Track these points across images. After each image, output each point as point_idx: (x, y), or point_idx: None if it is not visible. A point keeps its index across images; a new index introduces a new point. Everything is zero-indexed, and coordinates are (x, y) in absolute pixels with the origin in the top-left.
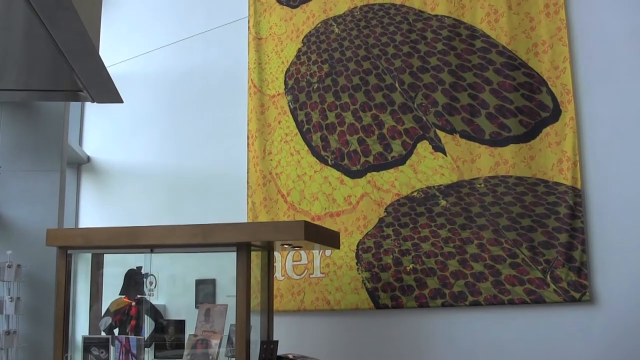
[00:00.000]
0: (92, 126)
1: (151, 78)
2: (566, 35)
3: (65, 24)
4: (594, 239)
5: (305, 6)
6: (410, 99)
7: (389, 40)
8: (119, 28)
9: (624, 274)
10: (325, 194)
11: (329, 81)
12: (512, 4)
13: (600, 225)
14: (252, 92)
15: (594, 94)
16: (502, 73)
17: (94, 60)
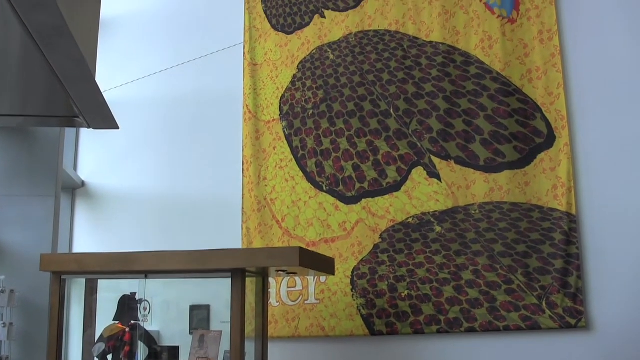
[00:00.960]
0: (87, 151)
1: (146, 103)
2: (560, 62)
3: (63, 50)
4: (589, 265)
5: (300, 32)
6: (405, 125)
7: (384, 66)
8: (115, 53)
9: (620, 300)
10: (320, 220)
11: (324, 107)
12: (506, 30)
13: (595, 251)
14: (247, 118)
15: (588, 120)
16: (496, 99)
17: (91, 86)
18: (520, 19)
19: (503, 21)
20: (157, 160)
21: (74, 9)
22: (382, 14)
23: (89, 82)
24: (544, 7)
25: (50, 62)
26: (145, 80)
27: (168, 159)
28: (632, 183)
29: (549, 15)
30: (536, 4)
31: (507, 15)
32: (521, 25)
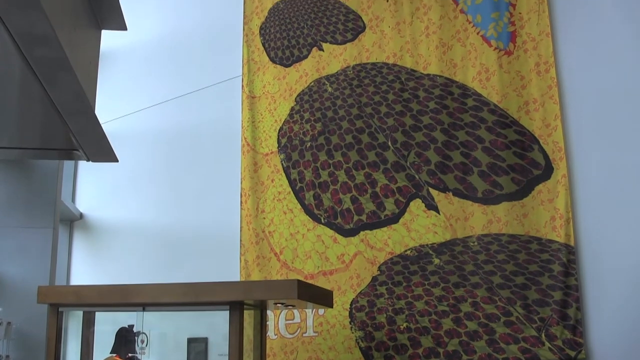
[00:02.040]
0: (85, 183)
1: (145, 135)
2: (557, 94)
3: (63, 84)
4: (588, 296)
5: (298, 65)
6: (403, 158)
7: (382, 99)
8: (114, 85)
9: (619, 331)
10: (318, 253)
11: (322, 140)
12: (503, 62)
13: (594, 283)
14: (245, 150)
15: (585, 151)
16: (494, 131)
17: (90, 120)
18: (517, 51)
19: (500, 53)
20: (155, 193)
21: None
22: (380, 47)
23: (89, 115)
24: (540, 40)
25: (51, 95)
26: (144, 112)
27: (166, 191)
28: (630, 214)
29: (545, 48)
30: (533, 36)
31: (504, 48)
32: (518, 57)
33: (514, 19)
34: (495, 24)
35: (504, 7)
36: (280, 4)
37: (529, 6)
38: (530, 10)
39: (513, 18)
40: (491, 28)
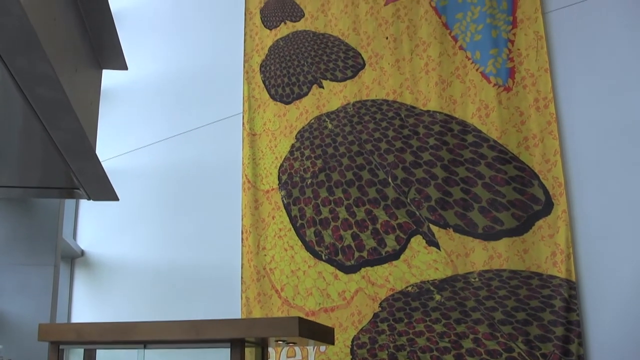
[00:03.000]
0: (87, 219)
1: (146, 172)
2: (556, 129)
3: (64, 124)
4: (590, 332)
5: (298, 102)
6: (404, 194)
7: (382, 135)
8: (115, 122)
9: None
10: (320, 289)
11: (323, 176)
12: (502, 98)
13: (596, 318)
14: (246, 188)
15: (585, 186)
16: (493, 167)
17: (91, 159)
18: (516, 87)
19: (499, 89)
20: (157, 230)
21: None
22: (380, 84)
23: (90, 155)
24: (539, 75)
25: (52, 135)
26: (144, 149)
27: (167, 228)
28: (631, 249)
29: (544, 83)
30: (531, 72)
31: (503, 84)
32: (517, 93)
33: (513, 55)
34: (494, 60)
35: (502, 44)
36: (280, 42)
37: (527, 42)
38: (529, 46)
39: (512, 54)
40: (490, 64)
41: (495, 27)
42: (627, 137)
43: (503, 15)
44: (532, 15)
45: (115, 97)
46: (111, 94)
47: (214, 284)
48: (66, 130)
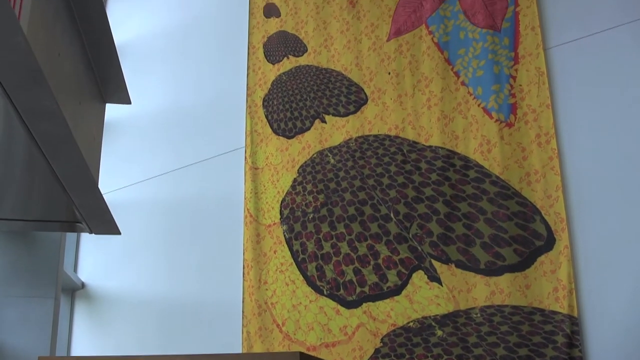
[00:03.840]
0: (88, 252)
1: (148, 206)
2: (558, 165)
3: (67, 159)
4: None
5: (301, 137)
6: (406, 229)
7: (384, 170)
8: (118, 155)
9: None
10: (321, 324)
11: (325, 211)
12: (504, 134)
13: (598, 354)
14: (248, 222)
15: (587, 222)
16: (496, 203)
17: (93, 193)
18: (517, 123)
19: (501, 125)
20: (157, 263)
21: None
22: (382, 119)
23: (92, 189)
24: (540, 111)
25: (54, 169)
26: (147, 182)
27: (169, 262)
28: (633, 285)
29: (545, 119)
30: (533, 107)
31: (504, 120)
32: (519, 129)
33: (515, 91)
34: (496, 96)
35: (504, 80)
36: (283, 76)
37: (529, 78)
38: (531, 82)
39: (513, 90)
40: (492, 100)
41: (497, 63)
42: (629, 173)
43: (505, 51)
44: (533, 51)
45: (118, 129)
46: (114, 127)
47: (214, 318)
48: (69, 164)
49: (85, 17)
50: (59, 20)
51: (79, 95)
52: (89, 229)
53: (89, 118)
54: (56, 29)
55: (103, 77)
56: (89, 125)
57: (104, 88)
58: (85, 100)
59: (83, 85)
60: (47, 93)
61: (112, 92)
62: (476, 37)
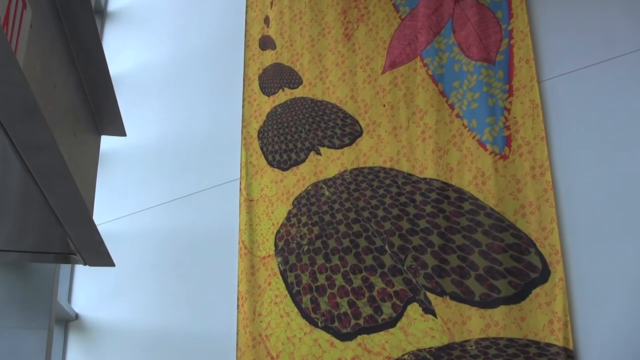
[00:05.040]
0: (82, 283)
1: (142, 237)
2: (553, 197)
3: (62, 191)
4: None
5: (295, 169)
6: (400, 262)
7: (379, 203)
8: (112, 186)
9: None
10: (315, 357)
11: (319, 243)
12: (498, 166)
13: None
14: (242, 253)
15: (582, 254)
16: (490, 235)
17: (88, 225)
18: (512, 155)
19: (495, 157)
20: (152, 294)
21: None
22: (377, 151)
23: (87, 221)
24: (535, 143)
25: (49, 201)
26: (142, 213)
27: (163, 294)
28: (629, 317)
29: (540, 151)
30: (527, 140)
31: (499, 152)
32: (513, 161)
33: (509, 123)
34: (491, 128)
35: (499, 112)
36: (279, 108)
37: (523, 111)
38: (525, 114)
39: (508, 122)
40: (487, 132)
41: (492, 95)
42: (624, 205)
43: (499, 83)
44: (528, 83)
45: (113, 160)
46: (109, 157)
47: (209, 349)
48: (64, 196)
49: (81, 49)
50: (55, 52)
51: (74, 127)
52: (83, 260)
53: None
54: (52, 61)
55: (98, 109)
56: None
57: (100, 120)
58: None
59: (79, 117)
60: (42, 126)
61: (107, 124)
62: (471, 69)
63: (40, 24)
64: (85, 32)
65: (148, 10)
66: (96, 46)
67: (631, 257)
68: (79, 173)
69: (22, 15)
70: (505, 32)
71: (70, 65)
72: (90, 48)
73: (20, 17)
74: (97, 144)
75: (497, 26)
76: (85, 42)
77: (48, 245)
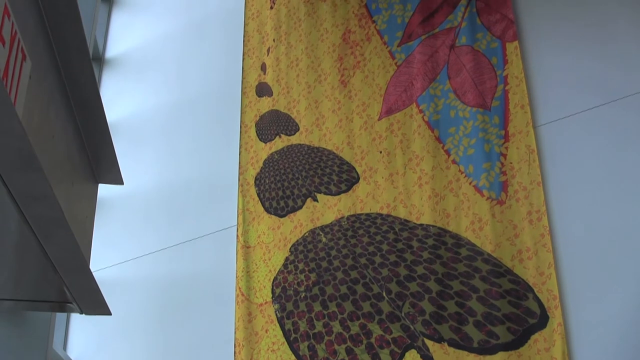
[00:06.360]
0: (78, 329)
1: (139, 283)
2: (550, 242)
3: (59, 241)
4: None
5: (293, 215)
6: (398, 308)
7: (376, 249)
8: (109, 233)
9: None
10: None
11: (317, 290)
12: (495, 212)
13: None
14: (239, 300)
15: (580, 299)
16: (488, 280)
17: (84, 274)
18: (509, 201)
19: (492, 203)
20: (148, 341)
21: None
22: (374, 198)
23: (83, 270)
24: (532, 189)
25: (46, 250)
26: (137, 260)
27: (160, 340)
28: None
29: (537, 196)
30: (524, 185)
31: (496, 197)
32: (510, 206)
33: (505, 169)
34: (487, 174)
35: (495, 158)
36: (275, 155)
37: (519, 156)
38: (521, 159)
39: (504, 168)
40: (483, 178)
41: (488, 141)
42: (621, 249)
43: (495, 129)
44: (523, 129)
45: (110, 206)
46: (106, 204)
47: None
48: (60, 246)
49: (79, 99)
50: (53, 102)
51: (72, 176)
52: (80, 309)
53: (82, 199)
54: (50, 111)
55: (96, 158)
56: (82, 205)
57: (97, 169)
58: (78, 181)
59: (76, 166)
60: (40, 177)
61: (105, 173)
62: (466, 115)
63: (39, 75)
64: (84, 82)
65: (146, 57)
66: (94, 96)
67: (629, 301)
68: (76, 222)
69: (22, 66)
70: (500, 78)
71: (68, 115)
72: (89, 98)
73: (20, 69)
74: (95, 192)
75: (492, 72)
76: (84, 93)
77: (44, 293)
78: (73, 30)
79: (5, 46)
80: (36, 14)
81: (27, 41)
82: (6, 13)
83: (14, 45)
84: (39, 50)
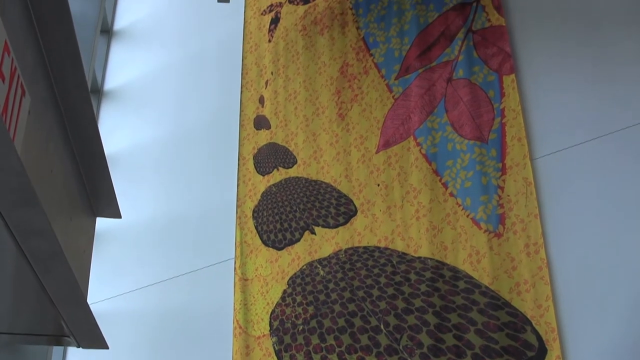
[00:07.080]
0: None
1: (136, 316)
2: (547, 274)
3: (57, 275)
4: None
5: (290, 248)
6: (396, 341)
7: (374, 282)
8: (106, 265)
9: None
10: None
11: (314, 323)
12: (493, 244)
13: None
14: (237, 333)
15: (578, 331)
16: (486, 313)
17: (82, 308)
18: (506, 233)
19: (490, 235)
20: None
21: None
22: (372, 231)
23: (81, 303)
24: (529, 221)
25: (44, 284)
26: (136, 292)
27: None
28: None
29: (534, 229)
30: (521, 217)
31: (493, 230)
32: (508, 239)
33: (503, 201)
34: (485, 206)
35: (492, 190)
36: (273, 188)
37: (516, 189)
38: (518, 192)
39: (502, 201)
40: (480, 211)
41: (485, 174)
42: (618, 282)
43: (492, 162)
44: (520, 161)
45: (108, 239)
46: (104, 236)
47: None
48: (58, 280)
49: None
50: (52, 136)
51: (70, 210)
52: (77, 342)
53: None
54: (49, 146)
55: (94, 192)
56: (80, 239)
57: (95, 202)
58: (76, 215)
59: (74, 200)
60: (39, 212)
61: (103, 207)
62: (464, 148)
63: (38, 110)
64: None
65: (144, 89)
66: (93, 131)
67: (627, 334)
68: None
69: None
70: (497, 110)
71: (66, 149)
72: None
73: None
74: (93, 226)
75: (489, 105)
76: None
77: (41, 327)
78: (72, 66)
79: (5, 82)
80: (36, 50)
81: (27, 77)
82: (6, 50)
83: (14, 81)
84: (38, 86)
